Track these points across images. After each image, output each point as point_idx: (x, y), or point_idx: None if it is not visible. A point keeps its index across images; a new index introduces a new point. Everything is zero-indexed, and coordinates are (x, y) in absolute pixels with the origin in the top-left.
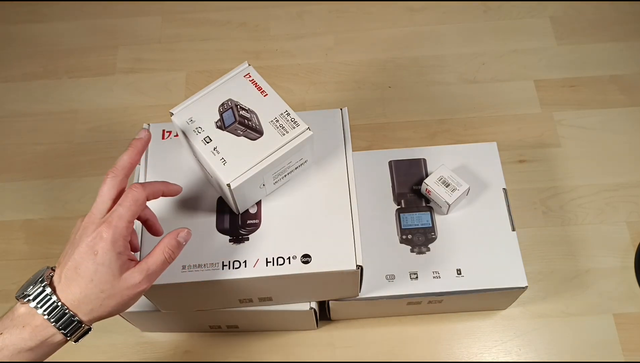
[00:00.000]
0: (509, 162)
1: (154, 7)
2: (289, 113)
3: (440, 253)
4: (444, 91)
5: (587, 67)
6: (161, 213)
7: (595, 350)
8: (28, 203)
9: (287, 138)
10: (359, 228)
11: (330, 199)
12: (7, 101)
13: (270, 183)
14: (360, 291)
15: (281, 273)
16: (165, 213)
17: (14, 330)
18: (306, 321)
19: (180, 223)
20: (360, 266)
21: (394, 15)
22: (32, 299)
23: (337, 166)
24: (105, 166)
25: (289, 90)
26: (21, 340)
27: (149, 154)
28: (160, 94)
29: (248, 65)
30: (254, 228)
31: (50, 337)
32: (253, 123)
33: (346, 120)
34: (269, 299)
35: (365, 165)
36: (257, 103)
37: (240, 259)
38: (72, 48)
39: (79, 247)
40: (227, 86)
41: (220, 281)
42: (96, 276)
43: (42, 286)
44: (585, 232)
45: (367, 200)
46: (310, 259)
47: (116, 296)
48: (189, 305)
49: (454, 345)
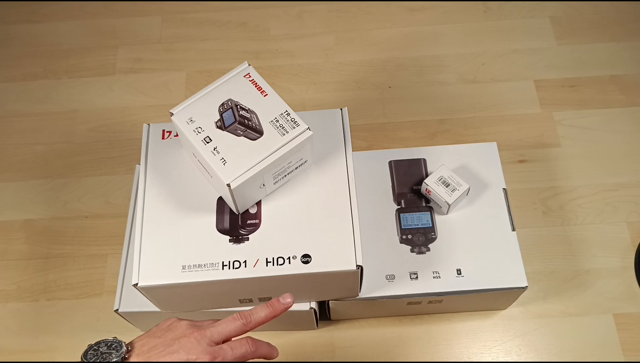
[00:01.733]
0: (509, 162)
1: (154, 7)
2: (289, 113)
3: (440, 253)
4: (444, 91)
5: (587, 67)
6: (161, 213)
7: (595, 350)
8: (28, 203)
9: (287, 138)
10: (359, 228)
11: (330, 199)
12: (7, 101)
13: (270, 183)
14: (360, 291)
15: (281, 273)
16: (165, 213)
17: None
18: (306, 321)
19: (180, 223)
20: (360, 266)
21: (394, 15)
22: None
23: (337, 166)
24: (106, 166)
25: (289, 90)
26: None
27: (148, 154)
28: (160, 94)
29: (248, 65)
30: (254, 228)
31: None
32: (253, 123)
33: (346, 120)
34: (269, 299)
35: (365, 165)
36: (257, 103)
37: (240, 259)
38: (72, 48)
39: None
40: (227, 86)
41: (220, 281)
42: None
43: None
44: (585, 232)
45: (367, 200)
46: (310, 259)
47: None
48: (189, 305)
49: (454, 345)
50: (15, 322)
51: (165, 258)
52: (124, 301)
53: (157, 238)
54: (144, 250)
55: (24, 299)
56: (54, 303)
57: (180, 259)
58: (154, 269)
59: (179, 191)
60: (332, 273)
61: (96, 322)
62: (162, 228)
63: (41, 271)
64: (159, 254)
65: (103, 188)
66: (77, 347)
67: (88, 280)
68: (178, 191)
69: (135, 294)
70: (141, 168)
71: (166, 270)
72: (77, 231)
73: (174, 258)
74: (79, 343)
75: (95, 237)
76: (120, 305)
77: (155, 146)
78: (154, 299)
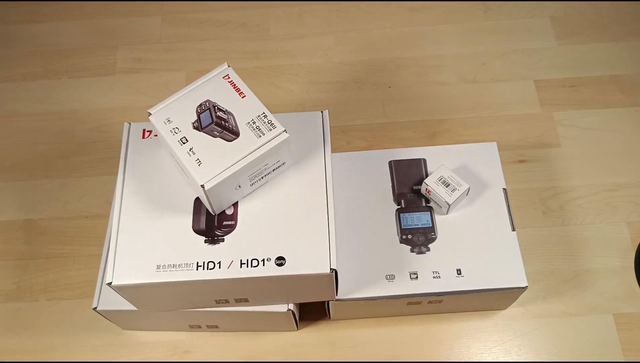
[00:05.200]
0: (509, 162)
1: (154, 7)
2: (266, 115)
3: (440, 253)
4: (444, 91)
5: (587, 67)
6: (138, 213)
7: (595, 350)
8: (28, 203)
9: (263, 139)
10: (334, 231)
11: (307, 201)
12: (7, 101)
13: (247, 184)
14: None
15: (255, 275)
16: (142, 213)
17: None
18: (285, 322)
19: (157, 223)
20: (334, 270)
21: (394, 15)
22: None
23: (316, 169)
24: (105, 166)
25: (289, 90)
26: None
27: (128, 153)
28: (160, 94)
29: (227, 66)
30: (229, 229)
31: None
32: (230, 125)
33: (326, 123)
34: (245, 300)
35: (365, 165)
36: (235, 105)
37: (215, 260)
38: (72, 48)
39: None
40: (205, 86)
41: (194, 281)
42: None
43: None
44: (585, 232)
45: (367, 200)
46: (284, 261)
47: None
48: (164, 305)
49: (454, 345)
50: (15, 322)
51: (140, 257)
52: (103, 300)
53: (133, 237)
54: (119, 249)
55: (24, 299)
56: (54, 303)
57: (155, 259)
58: (129, 268)
59: (156, 191)
60: (306, 276)
61: (96, 322)
62: (138, 228)
63: (41, 271)
64: (135, 253)
65: (103, 188)
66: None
67: (88, 280)
68: (156, 190)
69: (114, 293)
70: (120, 167)
71: (140, 270)
72: (77, 231)
73: (149, 257)
74: (79, 343)
75: (95, 237)
76: (98, 304)
77: (136, 145)
78: (130, 298)
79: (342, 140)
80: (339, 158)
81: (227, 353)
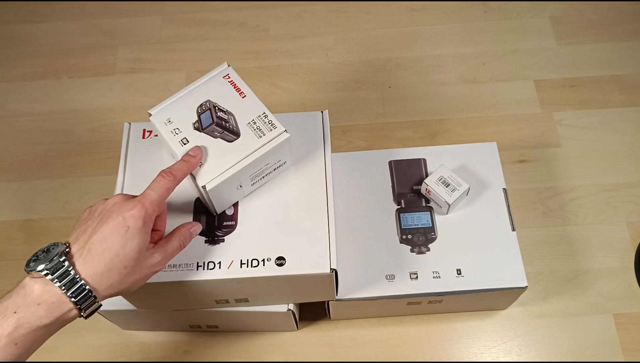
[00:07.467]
0: (509, 162)
1: (154, 7)
2: (266, 115)
3: (440, 253)
4: (444, 91)
5: (587, 67)
6: None
7: (595, 350)
8: (28, 203)
9: (264, 140)
10: (334, 231)
11: (307, 201)
12: (7, 101)
13: (248, 184)
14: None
15: (255, 275)
16: None
17: (28, 307)
18: (285, 322)
19: None
20: (334, 270)
21: (394, 15)
22: (50, 274)
23: (316, 169)
24: (105, 166)
25: (289, 90)
26: (37, 317)
27: (128, 153)
28: (160, 94)
29: (228, 66)
30: (229, 229)
31: (65, 313)
32: (230, 125)
33: (326, 122)
34: (245, 300)
35: (365, 165)
36: (235, 105)
37: (215, 260)
38: (72, 48)
39: (109, 221)
40: (206, 86)
41: (195, 281)
42: (123, 250)
43: (61, 261)
44: (585, 232)
45: (367, 200)
46: (284, 261)
47: (136, 274)
48: (165, 305)
49: (454, 345)
50: None
51: None
52: None
53: None
54: None
55: None
56: None
57: None
58: None
59: None
60: (306, 276)
61: (96, 322)
62: None
63: None
64: None
65: (103, 188)
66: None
67: None
68: None
69: None
70: (120, 167)
71: None
72: None
73: None
74: (79, 343)
75: None
76: None
77: (136, 145)
78: (130, 298)
79: (342, 140)
80: (339, 158)
81: (227, 353)
